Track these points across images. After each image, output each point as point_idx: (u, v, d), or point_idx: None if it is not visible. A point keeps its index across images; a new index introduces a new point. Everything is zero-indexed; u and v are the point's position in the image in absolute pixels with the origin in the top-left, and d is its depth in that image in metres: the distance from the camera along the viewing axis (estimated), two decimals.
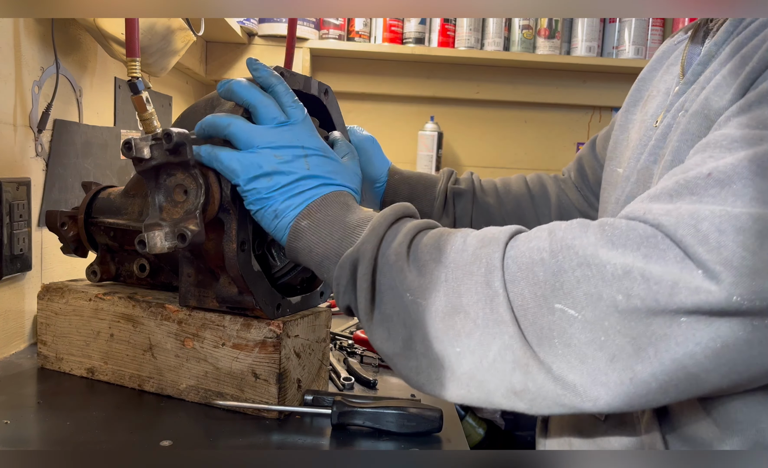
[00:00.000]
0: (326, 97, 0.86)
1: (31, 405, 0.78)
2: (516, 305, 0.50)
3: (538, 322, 0.49)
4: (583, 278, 0.48)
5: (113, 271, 0.93)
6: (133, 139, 0.68)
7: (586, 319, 0.48)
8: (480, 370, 0.52)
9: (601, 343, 0.47)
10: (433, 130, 2.34)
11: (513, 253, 0.52)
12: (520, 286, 0.50)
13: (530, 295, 0.50)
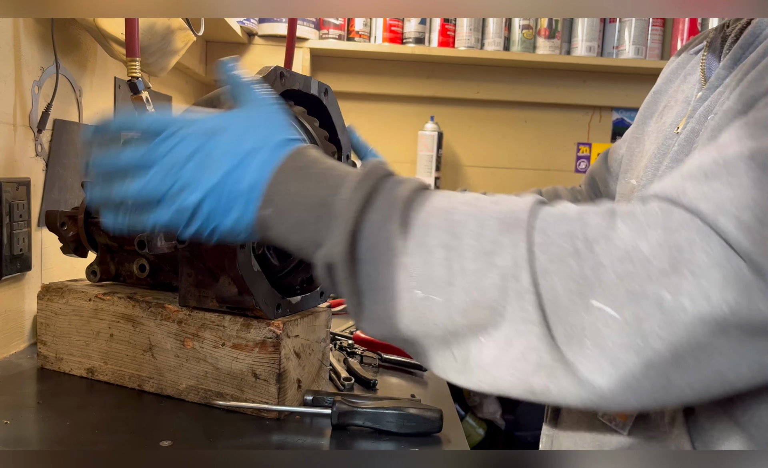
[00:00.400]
0: (326, 97, 0.86)
1: (31, 405, 0.78)
2: (546, 300, 0.45)
3: (570, 320, 0.45)
4: (626, 275, 0.43)
5: (113, 271, 0.93)
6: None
7: (625, 319, 0.43)
8: (497, 365, 0.48)
9: (638, 348, 0.43)
10: (433, 130, 2.34)
11: (541, 239, 0.46)
12: (552, 281, 0.45)
13: (563, 290, 0.45)
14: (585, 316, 0.44)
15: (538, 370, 0.47)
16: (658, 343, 0.43)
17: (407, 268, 0.49)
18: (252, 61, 2.16)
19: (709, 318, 0.42)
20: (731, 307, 0.41)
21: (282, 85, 0.77)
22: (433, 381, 0.98)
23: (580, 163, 2.47)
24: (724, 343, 0.42)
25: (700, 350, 0.43)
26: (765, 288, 0.41)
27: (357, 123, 2.59)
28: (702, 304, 0.42)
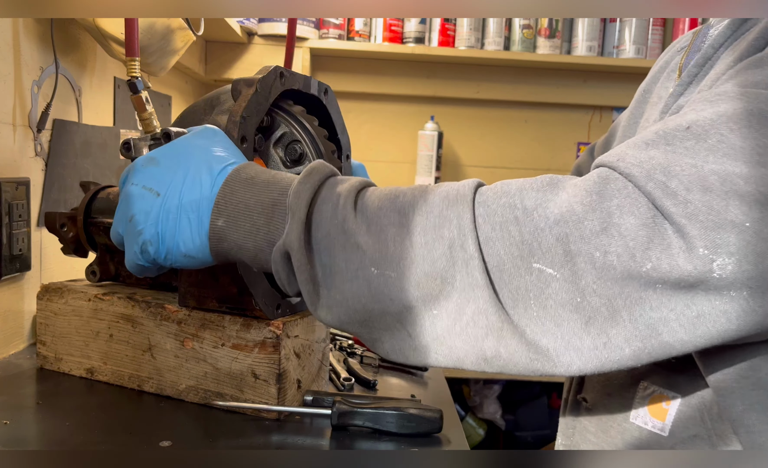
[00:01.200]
0: (326, 97, 0.86)
1: (31, 405, 0.78)
2: (491, 266, 0.49)
3: (514, 283, 0.48)
4: (562, 236, 0.47)
5: (113, 271, 0.93)
6: (132, 140, 0.68)
7: (564, 277, 0.47)
8: (451, 334, 0.50)
9: (576, 305, 0.47)
10: (433, 129, 2.34)
11: (484, 210, 0.50)
12: (495, 247, 0.49)
13: (506, 256, 0.48)
14: (527, 278, 0.48)
15: (488, 334, 0.49)
16: (594, 299, 0.46)
17: (361, 248, 0.52)
18: (252, 60, 2.16)
19: (635, 274, 0.45)
20: (654, 264, 0.45)
21: (282, 85, 0.77)
22: (434, 381, 0.98)
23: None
24: (652, 296, 0.46)
25: (632, 304, 0.46)
26: (685, 247, 0.44)
27: (357, 123, 2.59)
28: (628, 261, 0.45)
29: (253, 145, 0.74)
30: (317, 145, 0.80)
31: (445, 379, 1.01)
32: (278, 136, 0.80)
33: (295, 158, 0.80)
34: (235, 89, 0.74)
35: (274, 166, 0.80)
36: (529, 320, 0.48)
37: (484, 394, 2.27)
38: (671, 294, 0.46)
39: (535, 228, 0.48)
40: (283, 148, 0.80)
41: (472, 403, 2.26)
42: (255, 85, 0.73)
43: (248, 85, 0.73)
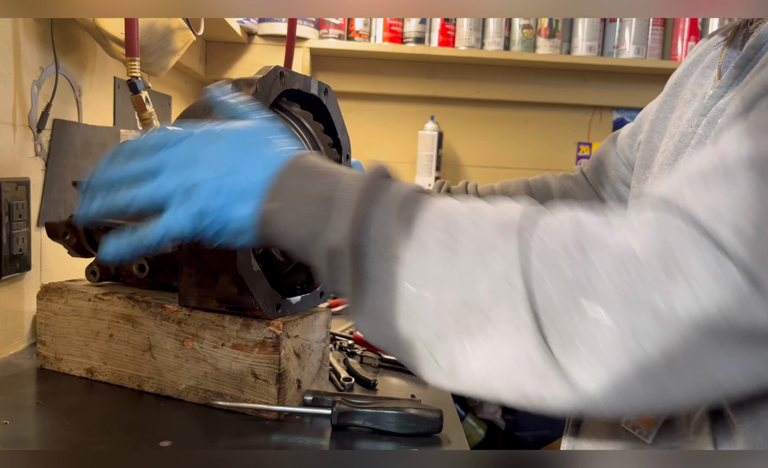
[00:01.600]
0: (326, 97, 0.86)
1: (31, 405, 0.78)
2: (539, 304, 0.44)
3: (564, 326, 0.44)
4: (617, 276, 0.42)
5: (112, 271, 0.93)
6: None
7: (619, 324, 0.42)
8: (492, 375, 0.47)
9: (632, 354, 0.42)
10: (433, 129, 2.34)
11: (535, 242, 0.46)
12: (544, 283, 0.44)
13: (556, 294, 0.44)
14: (578, 322, 0.43)
15: (531, 376, 0.46)
16: (651, 349, 0.42)
17: (404, 263, 0.48)
18: (252, 60, 2.16)
19: (702, 325, 0.41)
20: (724, 315, 0.41)
21: (282, 85, 0.77)
22: None
23: (581, 162, 2.47)
24: (718, 350, 0.42)
25: (694, 356, 0.42)
26: (759, 297, 0.40)
27: (357, 123, 2.59)
28: (695, 310, 0.41)
29: None
30: (317, 145, 0.80)
31: None
32: None
33: None
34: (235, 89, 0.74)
35: None
36: (578, 363, 0.44)
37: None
38: (739, 345, 0.42)
39: (591, 268, 0.43)
40: None
41: (472, 403, 2.26)
42: (255, 85, 0.73)
43: (248, 85, 0.73)
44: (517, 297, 0.45)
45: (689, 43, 2.26)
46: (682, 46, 2.27)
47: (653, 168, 0.78)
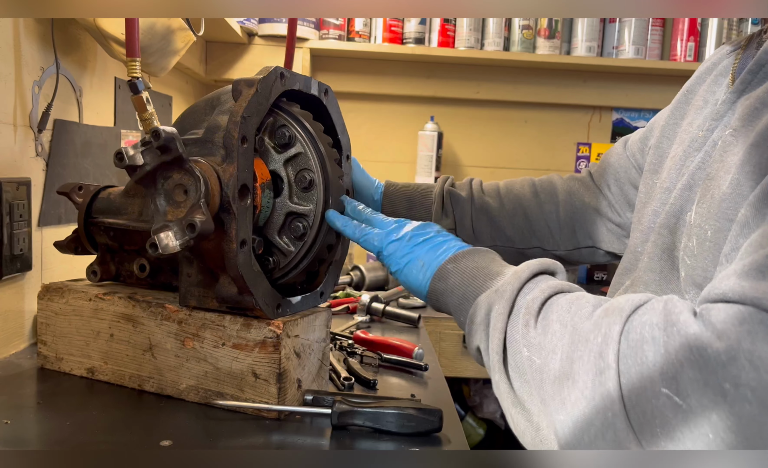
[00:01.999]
0: (326, 97, 0.86)
1: (31, 405, 0.78)
2: (623, 383, 0.47)
3: (642, 406, 0.46)
4: (688, 362, 0.44)
5: (113, 271, 0.93)
6: (123, 149, 0.68)
7: (691, 408, 0.43)
8: (579, 444, 0.49)
9: (708, 441, 0.43)
10: (433, 130, 2.34)
11: (628, 327, 0.49)
12: (627, 364, 0.47)
13: (636, 375, 0.46)
14: (655, 403, 0.45)
15: (615, 448, 0.48)
16: (728, 435, 0.43)
17: (529, 328, 0.55)
18: (252, 61, 2.16)
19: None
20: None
21: (282, 85, 0.77)
22: (433, 381, 0.98)
23: (580, 163, 2.47)
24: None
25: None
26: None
27: (357, 123, 2.58)
28: (763, 393, 0.42)
29: (254, 145, 0.75)
30: (317, 145, 0.81)
31: (445, 378, 1.01)
32: (273, 128, 0.80)
33: (291, 156, 0.80)
34: (235, 90, 0.74)
35: (274, 164, 0.80)
36: (655, 447, 0.45)
37: (484, 393, 2.27)
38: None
39: (666, 350, 0.45)
40: (280, 144, 0.80)
41: (471, 403, 2.26)
42: (255, 86, 0.73)
43: (249, 85, 0.73)
44: (607, 370, 0.48)
45: (689, 43, 2.26)
46: (682, 47, 2.27)
47: (662, 173, 0.79)
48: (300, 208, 0.79)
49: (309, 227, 0.79)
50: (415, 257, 0.70)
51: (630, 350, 0.47)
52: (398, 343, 1.10)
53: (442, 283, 0.66)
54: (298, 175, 0.79)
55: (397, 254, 0.72)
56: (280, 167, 0.80)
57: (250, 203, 0.74)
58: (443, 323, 1.71)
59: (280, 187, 0.80)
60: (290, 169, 0.80)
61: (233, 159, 0.71)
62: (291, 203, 0.79)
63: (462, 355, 1.83)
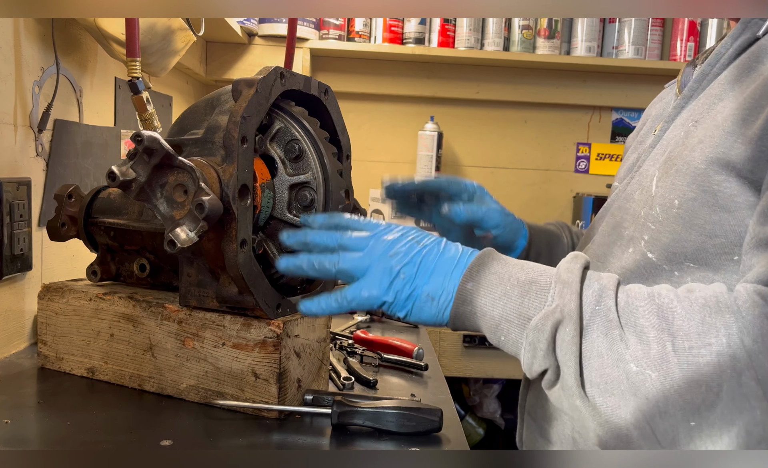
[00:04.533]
0: (326, 97, 0.86)
1: (32, 405, 0.78)
2: (762, 377, 0.48)
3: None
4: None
5: (113, 271, 0.93)
6: (113, 168, 0.67)
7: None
8: (717, 445, 0.50)
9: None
10: (433, 130, 2.34)
11: (741, 323, 0.50)
12: (760, 360, 0.48)
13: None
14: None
15: (762, 444, 0.48)
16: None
17: (623, 341, 0.53)
18: (252, 61, 2.16)
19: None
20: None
21: (282, 85, 0.77)
22: (433, 381, 0.98)
23: (580, 163, 2.47)
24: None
25: None
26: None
27: (357, 123, 2.58)
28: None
29: (254, 145, 0.75)
30: (317, 145, 0.81)
31: (445, 378, 1.01)
32: (274, 131, 0.80)
33: (293, 157, 0.80)
34: (235, 90, 0.74)
35: (274, 163, 0.80)
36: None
37: (484, 393, 2.27)
38: None
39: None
40: (282, 147, 0.80)
41: (471, 403, 2.26)
42: (255, 86, 0.73)
43: (249, 85, 0.73)
44: (743, 369, 0.48)
45: (689, 43, 2.26)
46: (681, 47, 2.27)
47: (618, 176, 0.83)
48: (300, 177, 0.80)
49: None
50: (418, 296, 0.62)
51: (757, 346, 0.48)
52: (398, 343, 1.10)
53: (468, 307, 0.60)
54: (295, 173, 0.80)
55: (399, 299, 0.62)
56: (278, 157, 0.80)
57: (250, 203, 0.74)
58: None
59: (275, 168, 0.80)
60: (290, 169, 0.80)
61: (233, 159, 0.72)
62: (287, 176, 0.80)
63: (462, 355, 1.83)
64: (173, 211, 0.70)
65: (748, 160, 0.57)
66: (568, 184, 2.46)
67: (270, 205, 0.79)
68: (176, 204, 0.70)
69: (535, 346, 0.56)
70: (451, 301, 0.61)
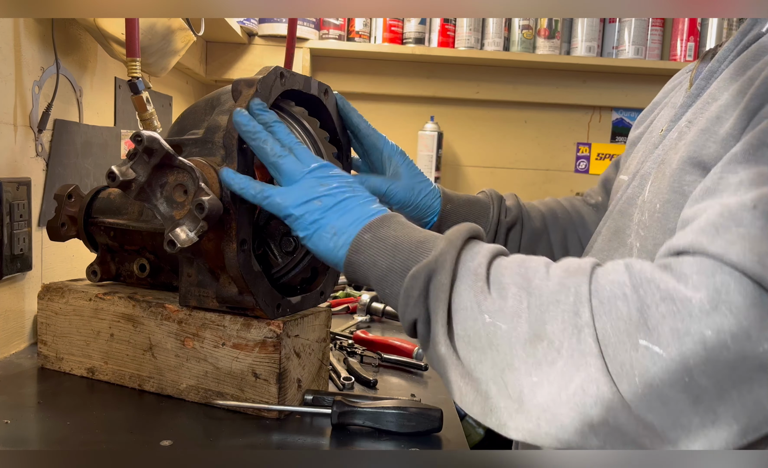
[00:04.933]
0: (326, 97, 0.86)
1: (32, 405, 0.78)
2: (601, 339, 0.49)
3: (620, 358, 0.48)
4: (669, 313, 0.46)
5: (113, 271, 0.93)
6: (113, 168, 0.67)
7: (671, 357, 0.46)
8: (556, 402, 0.50)
9: (684, 385, 0.46)
10: (433, 130, 2.34)
11: (594, 286, 0.51)
12: (602, 321, 0.49)
13: (612, 331, 0.48)
14: (633, 354, 0.47)
15: (597, 403, 0.49)
16: (703, 380, 0.45)
17: (484, 295, 0.54)
18: (252, 61, 2.17)
19: (750, 354, 0.45)
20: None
21: (282, 85, 0.77)
22: (434, 380, 0.98)
23: (580, 163, 2.47)
24: (763, 375, 0.45)
25: (743, 384, 0.45)
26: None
27: None
28: (743, 341, 0.44)
29: None
30: (317, 145, 0.81)
31: None
32: None
33: None
34: (235, 90, 0.74)
35: None
36: (635, 396, 0.47)
37: None
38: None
39: (642, 304, 0.48)
40: None
41: None
42: (255, 86, 0.73)
43: (249, 85, 0.73)
44: (585, 328, 0.49)
45: (688, 43, 2.26)
46: (682, 47, 2.27)
47: (627, 170, 0.82)
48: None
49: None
50: (325, 225, 0.65)
51: (603, 307, 0.49)
52: (398, 343, 1.10)
53: (361, 256, 0.62)
54: None
55: (306, 219, 0.65)
56: None
57: (250, 203, 0.74)
58: None
59: None
60: None
61: (233, 159, 0.72)
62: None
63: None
64: (173, 211, 0.70)
65: (716, 160, 0.56)
66: (569, 184, 2.47)
67: None
68: (176, 204, 0.70)
69: (408, 293, 0.57)
70: (345, 249, 0.63)
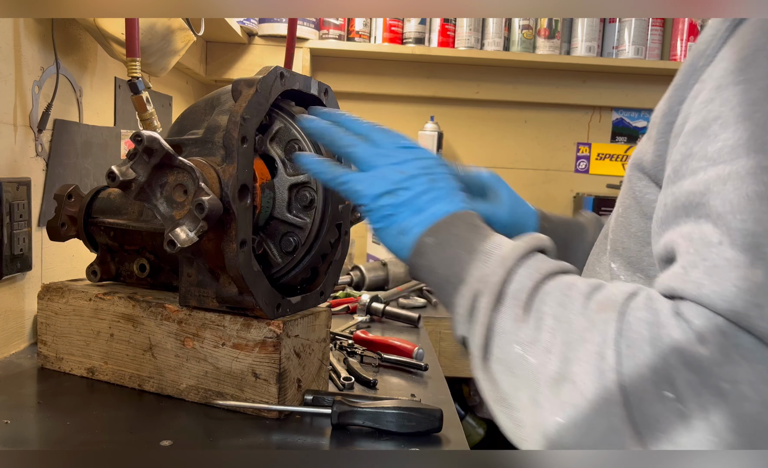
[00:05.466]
0: (326, 97, 0.86)
1: (31, 405, 0.78)
2: (626, 386, 0.46)
3: (644, 410, 0.45)
4: (682, 366, 0.44)
5: (113, 271, 0.93)
6: (113, 168, 0.67)
7: (691, 412, 0.43)
8: (579, 447, 0.48)
9: (711, 444, 0.43)
10: (433, 130, 2.34)
11: (624, 325, 0.47)
12: (628, 366, 0.46)
13: (637, 378, 0.45)
14: (659, 407, 0.44)
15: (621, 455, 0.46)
16: (730, 436, 0.43)
17: (520, 321, 0.52)
18: (252, 61, 2.16)
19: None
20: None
21: (282, 85, 0.77)
22: (434, 381, 0.98)
23: (580, 163, 2.47)
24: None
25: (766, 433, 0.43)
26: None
27: None
28: (762, 388, 0.42)
29: (254, 145, 0.75)
30: (317, 145, 0.81)
31: (445, 378, 1.01)
32: (274, 131, 0.80)
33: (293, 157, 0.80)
34: (235, 90, 0.74)
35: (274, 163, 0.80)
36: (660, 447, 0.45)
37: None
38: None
39: (660, 354, 0.45)
40: (282, 147, 0.80)
41: (472, 403, 2.26)
42: (255, 86, 0.73)
43: (249, 85, 0.73)
44: (607, 372, 0.46)
45: (689, 43, 2.26)
46: (682, 47, 2.27)
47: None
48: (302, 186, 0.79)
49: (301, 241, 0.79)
50: (394, 222, 0.62)
51: (629, 350, 0.46)
52: (398, 343, 1.10)
53: (422, 260, 0.60)
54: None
55: (378, 213, 0.63)
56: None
57: (250, 203, 0.74)
58: (443, 323, 1.71)
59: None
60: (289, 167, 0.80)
61: (233, 159, 0.72)
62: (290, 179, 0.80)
63: (462, 355, 1.83)
64: (173, 211, 0.70)
65: (652, 163, 0.56)
66: (569, 184, 2.46)
67: (270, 205, 0.79)
68: (176, 204, 0.70)
69: (457, 311, 0.56)
70: (410, 251, 0.61)
